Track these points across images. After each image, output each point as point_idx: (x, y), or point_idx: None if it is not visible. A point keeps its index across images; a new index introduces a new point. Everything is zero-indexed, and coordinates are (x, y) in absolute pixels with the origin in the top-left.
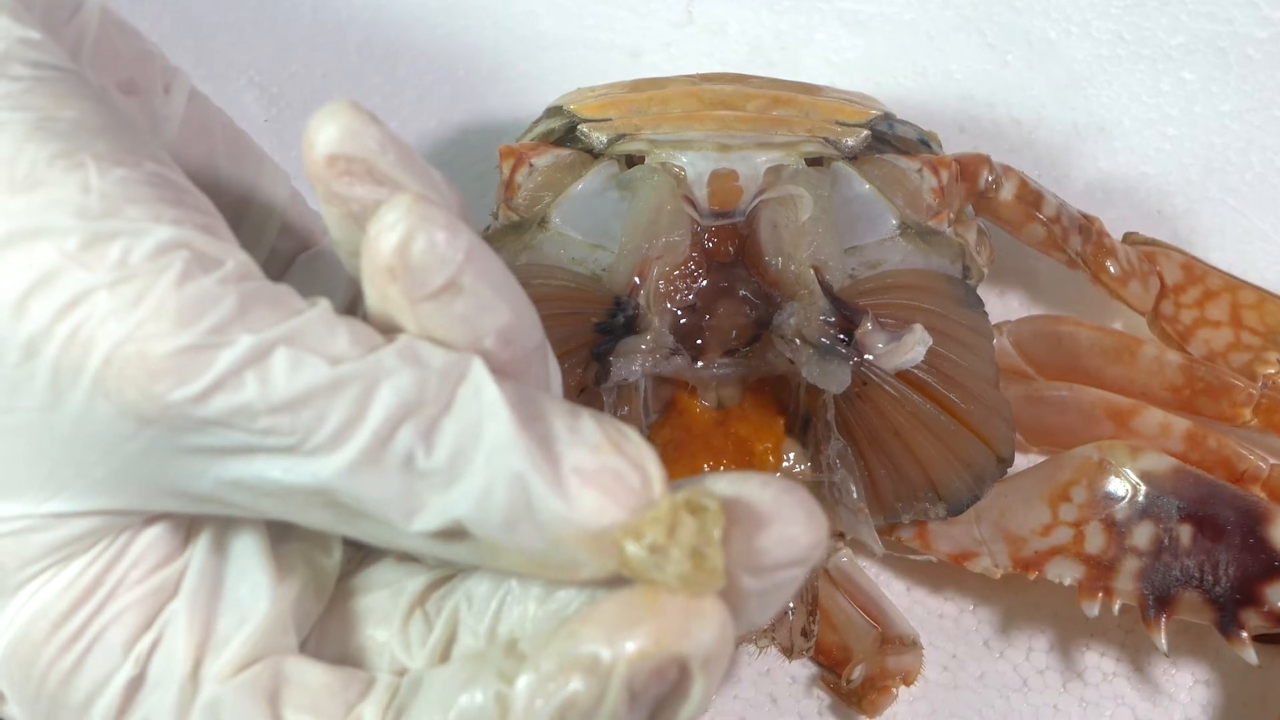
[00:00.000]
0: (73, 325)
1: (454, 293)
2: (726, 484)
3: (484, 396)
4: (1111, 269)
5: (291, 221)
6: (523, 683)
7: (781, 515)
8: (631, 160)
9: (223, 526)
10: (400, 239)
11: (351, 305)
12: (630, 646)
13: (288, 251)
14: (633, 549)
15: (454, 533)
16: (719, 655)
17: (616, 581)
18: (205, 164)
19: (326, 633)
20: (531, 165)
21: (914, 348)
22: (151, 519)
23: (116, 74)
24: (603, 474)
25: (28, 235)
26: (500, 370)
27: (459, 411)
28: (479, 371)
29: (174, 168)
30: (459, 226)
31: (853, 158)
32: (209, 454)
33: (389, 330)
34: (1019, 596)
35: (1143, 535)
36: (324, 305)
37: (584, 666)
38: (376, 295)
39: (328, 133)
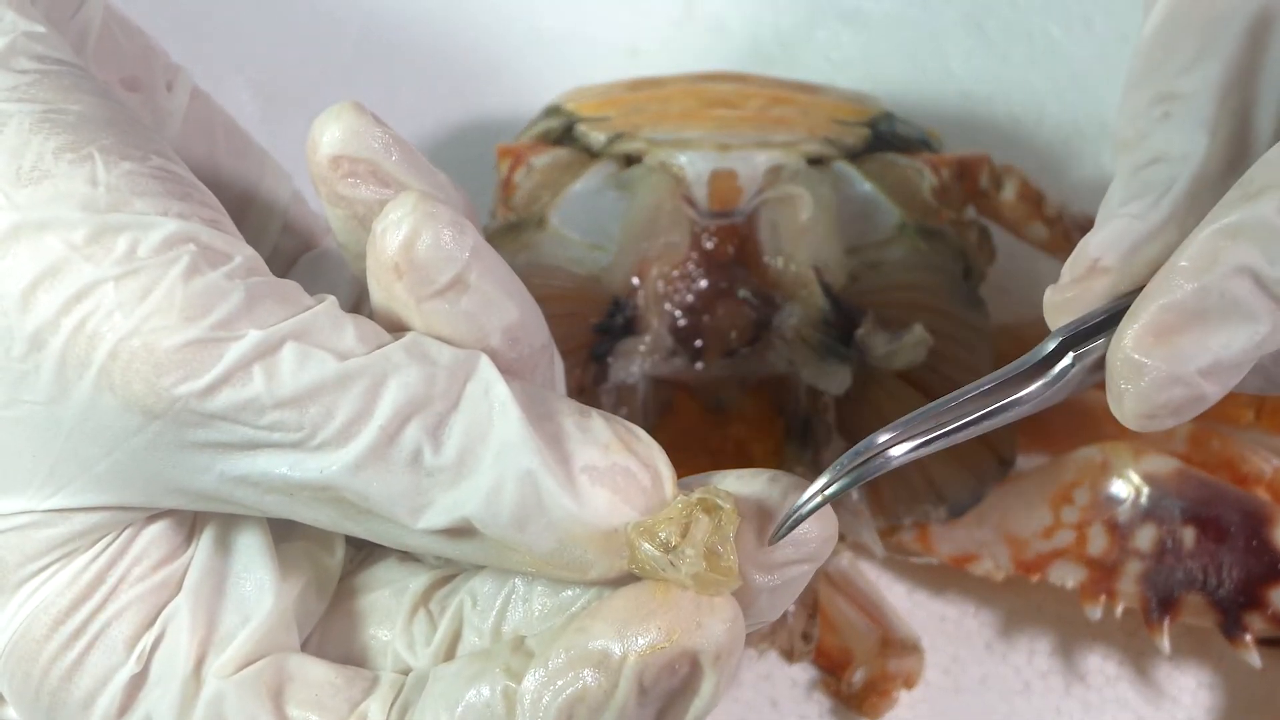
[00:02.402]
0: (79, 318)
1: (460, 290)
2: (735, 480)
3: (493, 394)
4: None
5: (294, 220)
6: (530, 678)
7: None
8: (630, 159)
9: (226, 523)
10: (406, 235)
11: (355, 307)
12: (642, 641)
13: (290, 250)
14: (646, 548)
15: (461, 531)
16: (731, 650)
17: (624, 581)
18: (208, 161)
19: (329, 632)
20: (529, 165)
21: (914, 348)
22: (155, 515)
23: (119, 70)
24: (614, 473)
25: (34, 227)
26: (506, 369)
27: (467, 408)
28: (487, 369)
29: (179, 163)
30: (464, 224)
31: (853, 157)
32: (214, 449)
33: (395, 329)
34: (1021, 599)
35: (1145, 537)
36: (331, 301)
37: (594, 661)
38: (382, 293)
39: (332, 134)
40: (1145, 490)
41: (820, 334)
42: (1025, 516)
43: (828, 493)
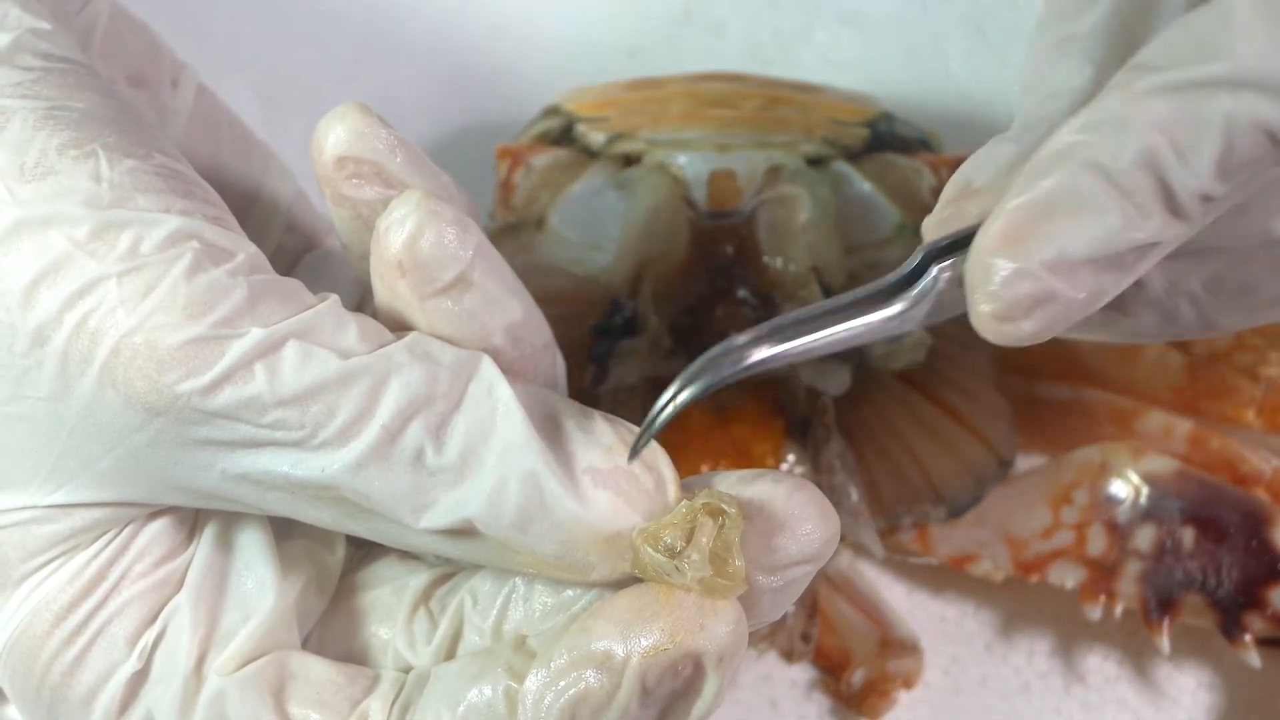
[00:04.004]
0: (82, 314)
1: (463, 288)
2: (737, 481)
3: (495, 394)
4: None
5: (297, 219)
6: (533, 678)
7: (794, 513)
8: (629, 160)
9: (227, 521)
10: (410, 234)
11: (358, 307)
12: (644, 642)
13: (293, 249)
14: (651, 554)
15: (463, 531)
16: (733, 651)
17: (626, 583)
18: (212, 159)
19: (330, 630)
20: (529, 165)
21: (914, 348)
22: (157, 513)
23: (125, 67)
24: (617, 475)
25: (38, 223)
26: (509, 368)
27: (470, 408)
28: (489, 369)
29: (183, 160)
30: (468, 223)
31: (852, 157)
32: (216, 447)
33: (398, 328)
34: (1020, 599)
35: (1145, 538)
36: (334, 300)
37: (597, 662)
38: (386, 291)
39: (336, 135)
40: (1145, 490)
41: None
42: (1025, 517)
43: (680, 399)
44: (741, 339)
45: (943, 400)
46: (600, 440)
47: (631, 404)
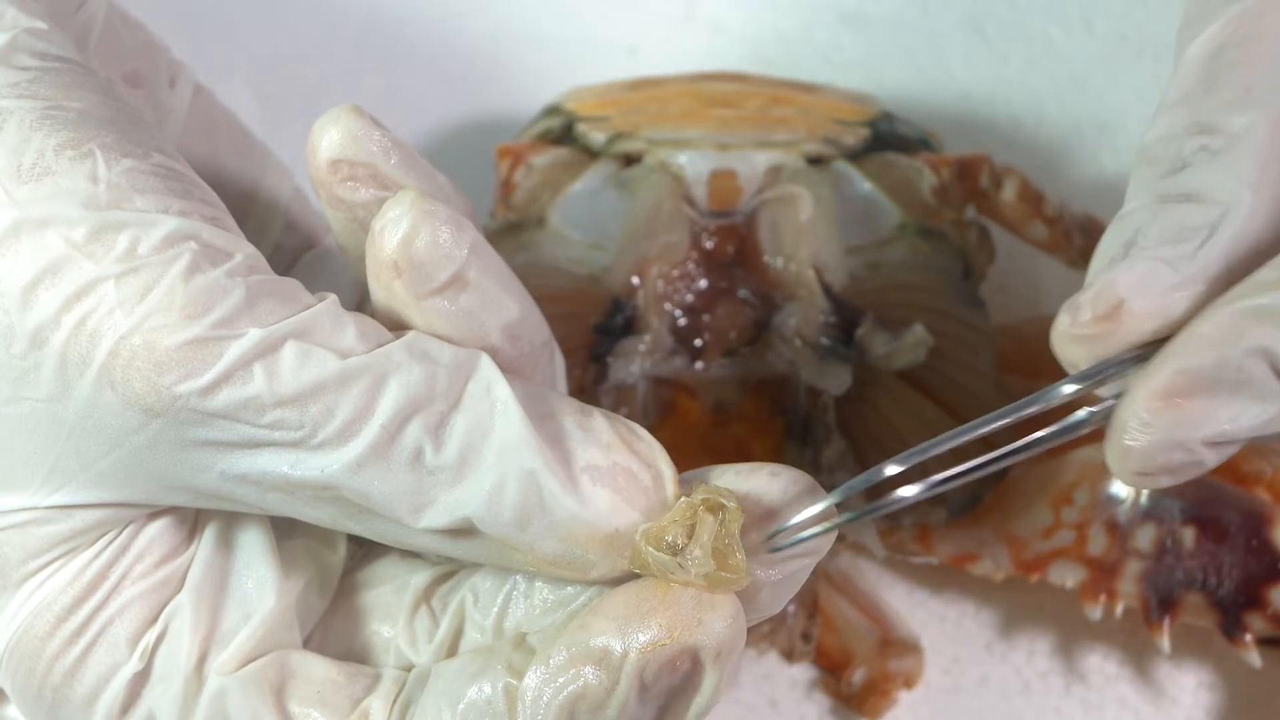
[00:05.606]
0: (80, 316)
1: (459, 288)
2: (734, 476)
3: (494, 393)
4: None
5: (295, 218)
6: (532, 675)
7: (792, 506)
8: (630, 159)
9: (228, 521)
10: (405, 233)
11: (357, 307)
12: (642, 638)
13: (292, 248)
14: (654, 554)
15: (462, 530)
16: (732, 646)
17: (626, 580)
18: (210, 159)
19: (331, 628)
20: (529, 164)
21: (914, 348)
22: (157, 513)
23: (122, 66)
24: (615, 472)
25: (35, 225)
26: (507, 367)
27: (468, 407)
28: (488, 367)
29: (181, 160)
30: (463, 222)
31: (853, 157)
32: (215, 447)
33: (395, 328)
34: (1021, 599)
35: (1145, 537)
36: (332, 300)
37: (595, 658)
38: (382, 292)
39: (330, 137)
40: (1145, 490)
41: (820, 334)
42: (1025, 516)
43: (829, 523)
44: (891, 469)
45: (943, 400)
46: (599, 438)
47: (632, 402)
